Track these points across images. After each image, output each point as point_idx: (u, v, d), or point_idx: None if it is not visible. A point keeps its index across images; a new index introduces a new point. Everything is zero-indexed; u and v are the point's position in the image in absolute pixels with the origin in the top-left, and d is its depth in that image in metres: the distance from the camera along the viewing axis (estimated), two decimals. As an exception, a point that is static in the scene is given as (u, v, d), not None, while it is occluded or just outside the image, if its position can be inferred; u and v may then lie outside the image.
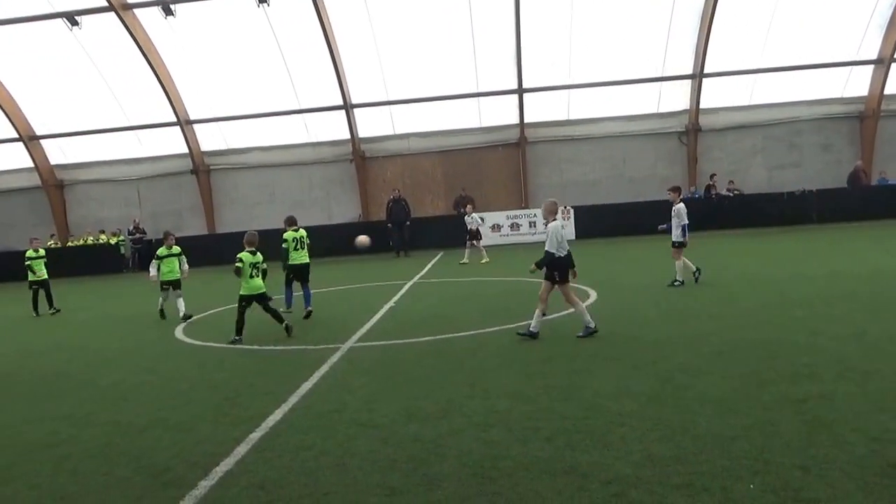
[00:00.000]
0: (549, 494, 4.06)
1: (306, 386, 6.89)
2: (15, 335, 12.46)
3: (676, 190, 12.59)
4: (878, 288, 10.47)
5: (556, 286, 8.37)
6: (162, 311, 12.52)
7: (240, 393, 6.84)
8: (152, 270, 12.55)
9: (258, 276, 9.54)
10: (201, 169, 27.37)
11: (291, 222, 11.80)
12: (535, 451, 4.73)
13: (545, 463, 4.51)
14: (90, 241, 27.37)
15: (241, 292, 9.49)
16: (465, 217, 19.75)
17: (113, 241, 26.77)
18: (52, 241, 27.02)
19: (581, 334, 8.29)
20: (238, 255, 9.43)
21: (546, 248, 8.32)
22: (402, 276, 16.61)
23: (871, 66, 24.59)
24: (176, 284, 12.44)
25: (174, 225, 27.40)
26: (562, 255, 8.33)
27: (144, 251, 25.01)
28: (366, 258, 23.25)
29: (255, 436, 5.45)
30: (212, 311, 12.93)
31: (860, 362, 6.38)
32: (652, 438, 4.81)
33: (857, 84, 25.04)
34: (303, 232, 11.70)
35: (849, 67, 24.78)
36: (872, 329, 7.72)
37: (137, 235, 26.45)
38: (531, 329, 8.31)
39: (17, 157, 27.70)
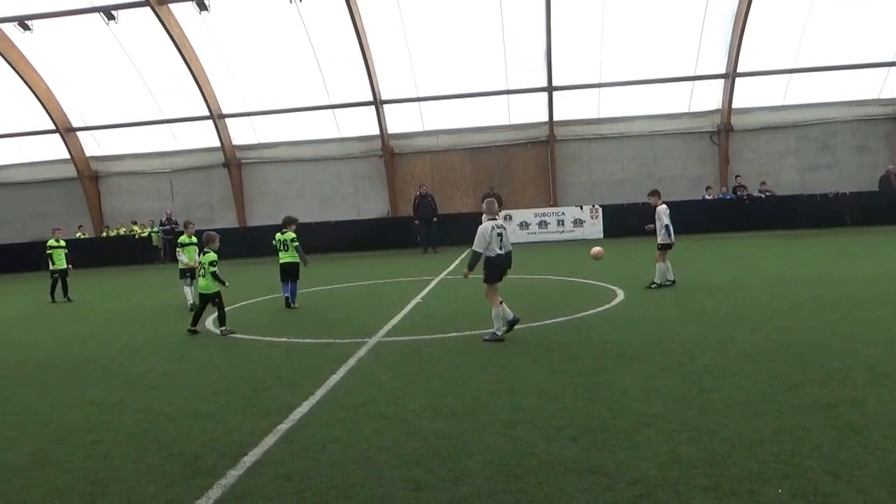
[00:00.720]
0: (574, 493, 4.06)
1: (334, 379, 6.96)
2: (48, 323, 12.78)
3: (656, 193, 12.65)
4: (914, 293, 10.24)
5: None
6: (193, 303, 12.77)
7: (268, 385, 6.94)
8: (180, 257, 13.16)
9: (204, 276, 10.00)
10: (233, 162, 27.74)
11: (288, 223, 12.66)
12: (561, 450, 4.72)
13: (571, 462, 4.51)
14: (123, 231, 27.94)
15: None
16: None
17: (145, 232, 27.26)
18: (79, 233, 27.60)
19: (486, 338, 8.25)
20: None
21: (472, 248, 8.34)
22: (429, 272, 16.66)
23: (910, 66, 24.00)
24: (193, 273, 12.74)
25: (206, 217, 27.89)
26: (491, 256, 8.30)
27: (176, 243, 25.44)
28: (392, 254, 23.36)
29: (283, 427, 5.52)
30: (241, 304, 13.11)
31: (894, 368, 6.26)
32: (679, 440, 4.77)
33: (894, 85, 24.41)
34: (290, 234, 12.41)
35: (886, 68, 24.17)
36: (908, 335, 7.55)
37: (169, 227, 26.92)
38: (496, 332, 8.26)
39: (53, 149, 28.33)
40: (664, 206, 12.30)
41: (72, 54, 25.51)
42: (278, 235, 12.51)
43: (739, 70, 24.27)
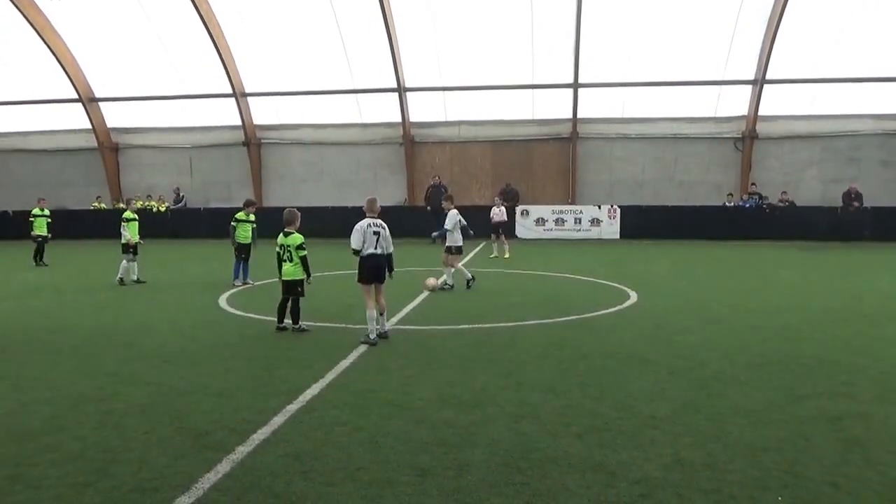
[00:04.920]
0: (576, 489, 4.12)
1: (344, 363, 7.05)
2: (63, 294, 12.94)
3: (450, 199, 13.14)
4: (930, 312, 10.15)
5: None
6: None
7: (278, 365, 7.05)
8: (124, 232, 13.59)
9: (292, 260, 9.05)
10: (252, 142, 27.89)
11: (248, 204, 13.51)
12: (565, 446, 4.78)
13: (575, 458, 4.57)
14: (140, 205, 28.17)
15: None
16: (493, 208, 19.56)
17: (162, 207, 27.49)
18: (95, 203, 27.88)
19: (362, 339, 7.96)
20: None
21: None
22: (442, 263, 16.68)
23: (943, 82, 23.62)
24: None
25: (223, 195, 28.12)
26: (364, 255, 8.02)
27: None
28: (407, 242, 23.42)
29: (292, 408, 5.62)
30: (257, 283, 13.26)
31: (904, 386, 6.24)
32: (683, 443, 4.82)
33: (926, 100, 24.08)
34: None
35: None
36: (921, 353, 7.52)
37: (176, 205, 27.12)
38: (369, 335, 7.96)
39: (75, 118, 28.55)
40: (454, 211, 12.60)
41: (98, 24, 25.68)
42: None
43: (768, 77, 24.00)
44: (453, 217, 12.53)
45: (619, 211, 24.15)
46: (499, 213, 19.24)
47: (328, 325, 9.11)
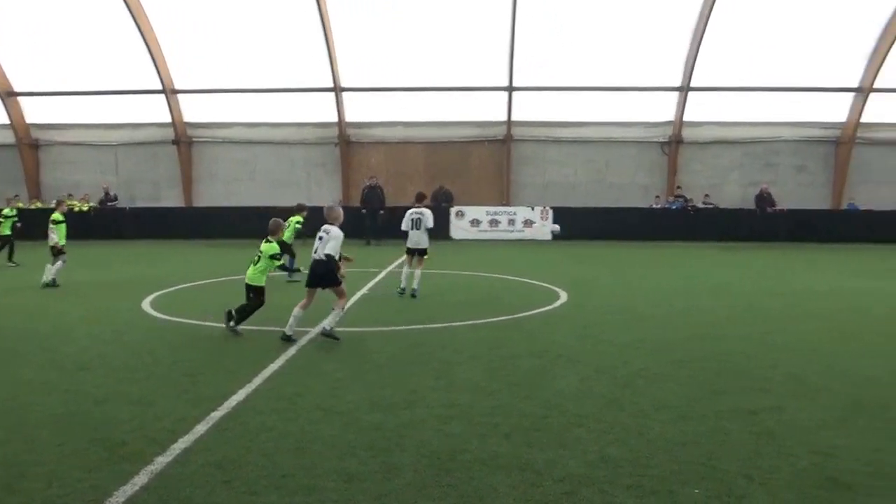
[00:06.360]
0: (503, 489, 4.15)
1: (272, 368, 6.90)
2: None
3: (301, 209, 13.98)
4: (836, 307, 10.76)
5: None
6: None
7: (203, 371, 6.84)
8: (52, 234, 12.97)
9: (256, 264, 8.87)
10: (183, 140, 27.00)
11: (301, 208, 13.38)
12: (493, 447, 4.82)
13: (502, 458, 4.61)
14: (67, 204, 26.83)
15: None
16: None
17: (85, 207, 26.26)
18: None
19: (283, 336, 8.02)
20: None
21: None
22: (377, 264, 16.62)
23: (852, 94, 25.05)
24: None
25: (150, 195, 27.12)
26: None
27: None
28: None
29: (216, 415, 5.46)
30: (183, 286, 12.83)
31: (813, 379, 6.59)
32: (607, 440, 4.93)
33: (836, 110, 25.45)
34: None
35: (830, 93, 25.20)
36: (828, 347, 7.97)
37: (109, 203, 26.02)
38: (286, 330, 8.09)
39: (-9, 114, 27.00)
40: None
41: (19, 14, 24.34)
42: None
43: (693, 84, 24.92)
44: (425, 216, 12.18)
45: (551, 212, 24.57)
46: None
47: (257, 329, 8.89)
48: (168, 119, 26.57)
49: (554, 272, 14.73)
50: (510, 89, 25.57)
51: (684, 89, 25.10)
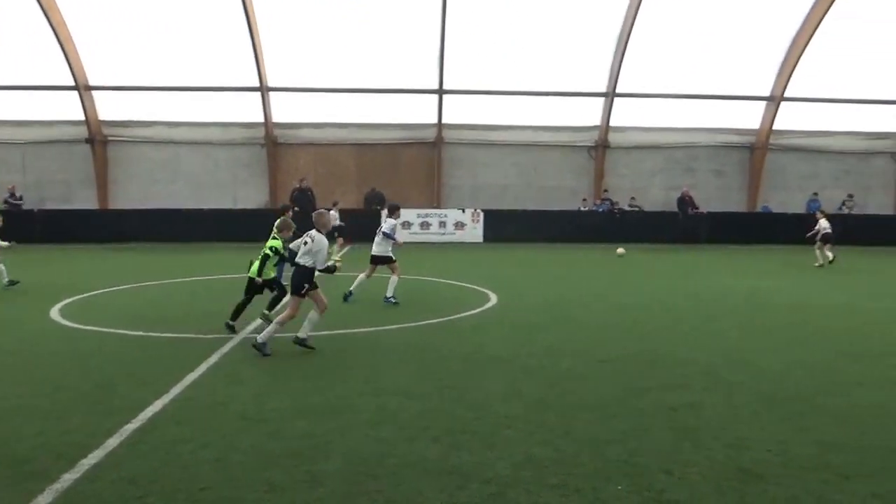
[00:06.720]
0: (430, 493, 4.12)
1: (192, 377, 6.63)
2: None
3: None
4: (750, 305, 11.28)
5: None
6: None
7: (117, 381, 6.50)
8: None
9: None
10: (98, 139, 25.75)
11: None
12: (422, 450, 4.78)
13: (430, 462, 4.58)
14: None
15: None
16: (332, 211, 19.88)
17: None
18: None
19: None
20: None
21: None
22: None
23: (764, 103, 26.41)
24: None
25: (62, 196, 25.73)
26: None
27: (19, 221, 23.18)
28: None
29: (130, 427, 5.20)
30: (95, 293, 12.20)
31: (728, 375, 6.87)
32: (534, 441, 4.97)
33: (750, 117, 26.79)
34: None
35: (745, 101, 26.49)
36: (742, 343, 8.33)
37: (14, 203, 24.52)
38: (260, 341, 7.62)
39: None
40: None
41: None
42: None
43: (618, 91, 25.68)
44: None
45: (482, 215, 24.79)
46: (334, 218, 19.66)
47: (177, 336, 8.55)
48: (81, 117, 25.31)
49: (484, 274, 14.84)
50: (441, 92, 25.66)
51: (610, 95, 25.83)
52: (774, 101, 25.99)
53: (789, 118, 26.44)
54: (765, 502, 4.06)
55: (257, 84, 25.07)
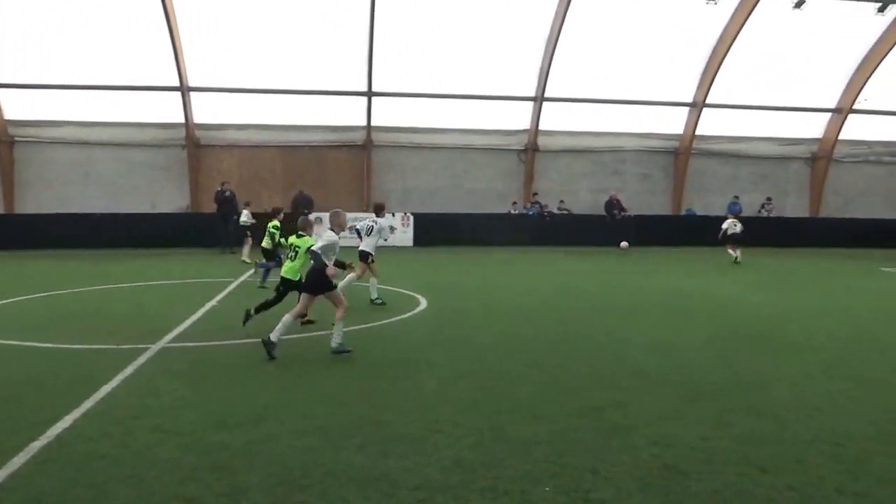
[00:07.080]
0: (357, 501, 4.03)
1: (105, 389, 6.26)
2: None
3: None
4: (674, 304, 11.67)
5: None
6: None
7: (23, 396, 6.08)
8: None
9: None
10: (3, 139, 24.23)
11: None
12: (349, 459, 4.67)
13: (357, 470, 4.47)
14: None
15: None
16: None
17: None
18: None
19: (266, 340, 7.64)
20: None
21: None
22: (229, 273, 15.82)
23: (687, 109, 27.49)
24: None
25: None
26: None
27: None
28: (191, 253, 21.91)
29: (37, 445, 4.85)
30: (2, 302, 11.42)
31: (654, 372, 7.04)
32: (464, 444, 4.94)
33: (674, 123, 27.82)
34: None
35: (669, 107, 27.48)
36: (667, 342, 8.56)
37: None
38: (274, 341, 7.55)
39: None
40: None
41: None
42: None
43: (547, 95, 26.14)
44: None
45: (412, 218, 24.73)
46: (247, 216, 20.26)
47: (89, 348, 8.08)
48: (-17, 117, 23.77)
49: (414, 278, 14.77)
50: (369, 94, 25.46)
51: (539, 99, 26.27)
52: (697, 107, 27.06)
53: (711, 124, 27.64)
54: (688, 498, 4.15)
55: (177, 83, 24.21)
